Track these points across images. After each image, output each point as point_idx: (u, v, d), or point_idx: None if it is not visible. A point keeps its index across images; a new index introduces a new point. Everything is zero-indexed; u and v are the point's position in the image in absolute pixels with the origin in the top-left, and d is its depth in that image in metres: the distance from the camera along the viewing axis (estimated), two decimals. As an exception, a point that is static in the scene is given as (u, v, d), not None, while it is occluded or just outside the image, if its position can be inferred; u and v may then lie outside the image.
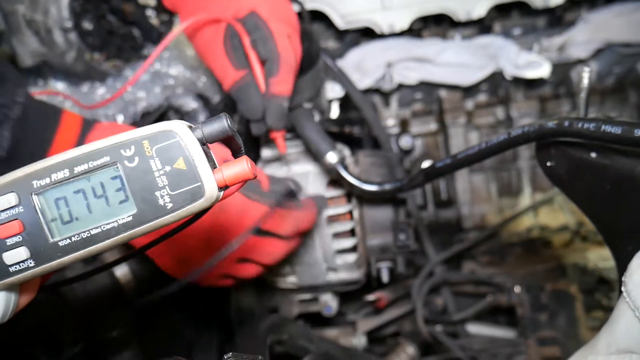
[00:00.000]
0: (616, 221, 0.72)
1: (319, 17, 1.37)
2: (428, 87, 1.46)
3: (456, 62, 1.36)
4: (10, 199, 0.47)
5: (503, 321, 1.45)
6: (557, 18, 1.39)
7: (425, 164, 0.99)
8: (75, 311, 1.01)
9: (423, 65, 1.38)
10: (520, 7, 1.38)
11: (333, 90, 1.36)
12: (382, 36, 1.37)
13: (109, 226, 0.47)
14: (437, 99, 1.48)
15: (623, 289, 0.60)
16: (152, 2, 1.28)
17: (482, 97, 1.49)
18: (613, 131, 0.64)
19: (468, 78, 1.38)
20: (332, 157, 1.10)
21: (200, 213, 0.53)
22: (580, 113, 0.74)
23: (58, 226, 0.47)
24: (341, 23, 1.34)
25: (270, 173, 1.23)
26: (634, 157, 0.68)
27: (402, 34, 1.38)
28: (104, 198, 0.47)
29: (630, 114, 1.42)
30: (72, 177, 0.47)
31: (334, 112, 1.40)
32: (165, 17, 1.30)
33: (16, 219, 0.47)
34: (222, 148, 0.54)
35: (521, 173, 1.46)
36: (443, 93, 1.46)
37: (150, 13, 1.30)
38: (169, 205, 0.47)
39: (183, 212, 0.47)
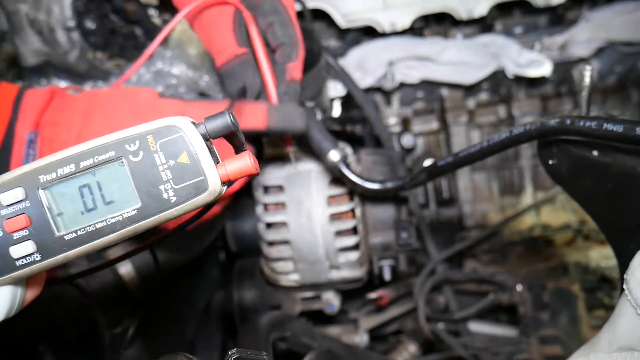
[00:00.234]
0: (618, 219, 0.72)
1: (321, 16, 1.37)
2: (430, 86, 1.46)
3: (458, 61, 1.36)
4: (17, 194, 0.48)
5: (505, 319, 1.45)
6: (559, 17, 1.40)
7: (427, 163, 0.99)
8: (79, 308, 1.01)
9: (425, 63, 1.38)
10: (521, 6, 1.38)
11: (335, 89, 1.36)
12: (384, 35, 1.38)
13: (114, 220, 0.47)
14: (439, 98, 1.48)
15: (625, 287, 0.60)
16: (154, 2, 1.28)
17: (484, 96, 1.49)
18: (614, 129, 0.64)
19: (470, 77, 1.38)
20: (335, 156, 1.10)
21: (204, 208, 0.54)
22: (581, 111, 0.74)
23: (64, 220, 0.48)
24: (343, 22, 1.35)
25: (271, 171, 1.23)
26: (636, 155, 0.68)
27: (404, 33, 1.39)
28: (109, 192, 0.48)
29: (632, 113, 1.42)
30: (78, 172, 0.48)
31: (336, 111, 1.40)
32: (167, 16, 1.31)
33: (23, 213, 0.48)
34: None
35: (523, 172, 1.46)
36: (445, 92, 1.47)
37: (152, 12, 1.31)
38: (173, 198, 0.47)
39: (187, 206, 0.48)
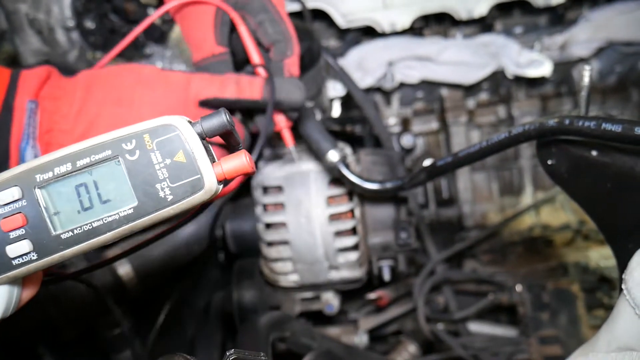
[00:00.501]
0: (617, 219, 0.72)
1: (320, 16, 1.37)
2: (429, 86, 1.46)
3: (457, 61, 1.36)
4: (13, 193, 0.48)
5: (504, 320, 1.45)
6: (559, 16, 1.39)
7: (426, 163, 0.99)
8: (78, 309, 1.01)
9: (424, 64, 1.38)
10: (521, 6, 1.38)
11: (334, 89, 1.36)
12: (384, 35, 1.38)
13: (111, 219, 0.47)
14: (439, 98, 1.48)
15: (623, 287, 0.60)
16: (154, 2, 1.28)
17: (484, 96, 1.49)
18: (613, 129, 0.64)
19: (469, 77, 1.38)
20: (334, 156, 1.10)
21: (200, 208, 0.54)
22: (581, 111, 0.74)
23: (60, 219, 0.48)
24: (342, 22, 1.35)
25: (270, 171, 1.23)
26: (634, 155, 0.68)
27: (404, 33, 1.38)
28: (106, 191, 0.48)
29: (631, 113, 1.42)
30: (75, 171, 0.48)
31: (336, 111, 1.41)
32: (167, 16, 1.31)
33: (19, 212, 0.48)
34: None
35: (523, 172, 1.46)
36: (444, 92, 1.47)
37: (152, 12, 1.31)
38: (170, 197, 0.47)
39: (183, 205, 0.48)
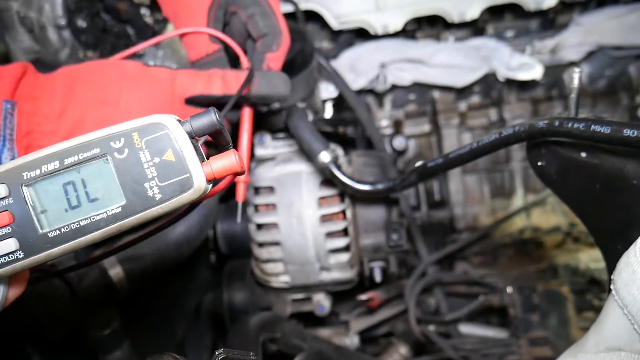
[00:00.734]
0: (606, 220, 0.73)
1: (313, 18, 1.37)
2: (422, 88, 1.46)
3: (450, 64, 1.37)
4: (0, 191, 0.47)
5: (495, 321, 1.45)
6: (550, 20, 1.41)
7: (417, 165, 0.99)
8: (66, 309, 1.01)
9: (416, 66, 1.39)
10: (513, 9, 1.39)
11: (327, 90, 1.36)
12: (376, 37, 1.38)
13: (98, 217, 0.47)
14: (431, 100, 1.49)
15: (612, 287, 0.61)
16: (147, 1, 1.28)
17: (475, 99, 1.50)
18: (602, 131, 0.65)
19: (461, 79, 1.39)
20: (325, 157, 1.10)
21: (189, 207, 0.53)
22: (570, 113, 0.75)
23: (48, 217, 0.48)
24: (335, 23, 1.35)
25: (261, 172, 1.23)
26: (623, 157, 0.68)
27: (396, 35, 1.39)
28: (94, 189, 0.47)
29: (621, 117, 1.43)
30: (62, 169, 0.47)
31: (328, 112, 1.41)
32: (159, 16, 1.30)
33: (6, 210, 0.47)
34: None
35: (514, 174, 1.47)
36: (436, 94, 1.47)
37: (144, 11, 1.30)
38: (158, 196, 0.47)
39: (172, 204, 0.47)
